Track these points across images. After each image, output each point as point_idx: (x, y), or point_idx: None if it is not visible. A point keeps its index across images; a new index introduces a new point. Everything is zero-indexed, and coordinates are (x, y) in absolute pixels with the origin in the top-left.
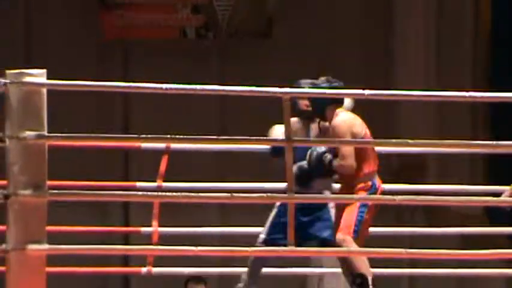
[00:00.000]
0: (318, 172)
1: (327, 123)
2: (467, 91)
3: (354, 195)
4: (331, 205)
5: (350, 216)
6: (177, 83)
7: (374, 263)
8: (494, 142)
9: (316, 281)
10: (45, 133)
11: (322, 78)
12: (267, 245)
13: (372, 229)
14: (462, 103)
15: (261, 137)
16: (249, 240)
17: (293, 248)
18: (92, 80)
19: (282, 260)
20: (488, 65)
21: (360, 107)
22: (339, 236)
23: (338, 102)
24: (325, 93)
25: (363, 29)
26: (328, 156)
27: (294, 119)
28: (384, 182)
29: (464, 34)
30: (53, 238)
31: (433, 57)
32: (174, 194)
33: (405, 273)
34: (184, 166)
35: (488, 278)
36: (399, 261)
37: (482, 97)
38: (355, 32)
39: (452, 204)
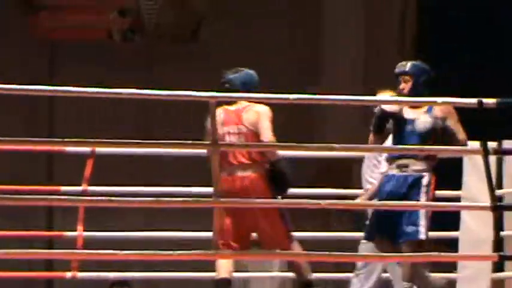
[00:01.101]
0: None
1: None
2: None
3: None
4: (422, 195)
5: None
6: (102, 86)
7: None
8: (418, 146)
9: (242, 285)
10: None
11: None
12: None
13: (300, 234)
14: None
15: (185, 141)
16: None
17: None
18: (18, 83)
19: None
20: None
21: (286, 110)
22: None
23: None
24: (241, 97)
25: (291, 32)
26: None
27: None
28: (309, 186)
29: (390, 43)
30: None
31: (360, 62)
32: (99, 198)
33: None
34: (112, 171)
35: None
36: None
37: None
38: (283, 34)
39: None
